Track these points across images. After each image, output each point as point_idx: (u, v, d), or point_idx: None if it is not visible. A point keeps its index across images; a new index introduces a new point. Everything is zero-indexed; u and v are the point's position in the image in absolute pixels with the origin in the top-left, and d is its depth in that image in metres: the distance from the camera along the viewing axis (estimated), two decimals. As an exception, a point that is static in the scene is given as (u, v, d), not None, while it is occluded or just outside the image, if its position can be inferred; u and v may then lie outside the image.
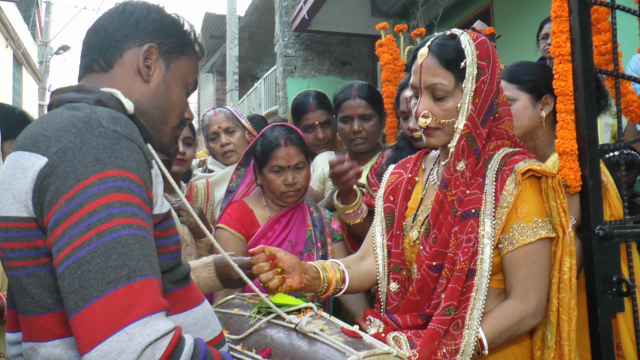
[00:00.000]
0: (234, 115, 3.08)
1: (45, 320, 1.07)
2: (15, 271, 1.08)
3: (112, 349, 0.89)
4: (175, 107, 1.32)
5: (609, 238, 1.76)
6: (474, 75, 1.55)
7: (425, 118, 1.59)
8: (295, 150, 2.32)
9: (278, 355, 1.31)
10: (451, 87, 1.56)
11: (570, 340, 1.53)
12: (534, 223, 1.52)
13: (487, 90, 1.57)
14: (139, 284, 0.95)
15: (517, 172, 1.54)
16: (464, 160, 1.59)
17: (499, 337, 1.50)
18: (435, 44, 1.60)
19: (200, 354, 0.98)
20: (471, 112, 1.56)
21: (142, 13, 1.28)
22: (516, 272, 1.52)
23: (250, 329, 1.43)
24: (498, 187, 1.55)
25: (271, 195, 2.37)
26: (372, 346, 1.28)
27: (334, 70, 10.65)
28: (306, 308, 1.46)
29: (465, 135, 1.57)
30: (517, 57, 6.07)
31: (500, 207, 1.53)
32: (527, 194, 1.54)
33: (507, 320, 1.50)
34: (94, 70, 1.27)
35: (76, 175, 0.99)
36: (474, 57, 1.56)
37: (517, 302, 1.51)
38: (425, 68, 1.59)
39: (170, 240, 1.21)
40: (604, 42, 1.97)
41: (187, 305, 1.23)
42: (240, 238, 2.29)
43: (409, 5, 8.84)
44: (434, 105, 1.58)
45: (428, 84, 1.58)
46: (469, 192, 1.58)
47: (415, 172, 1.83)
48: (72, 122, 1.05)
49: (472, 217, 1.54)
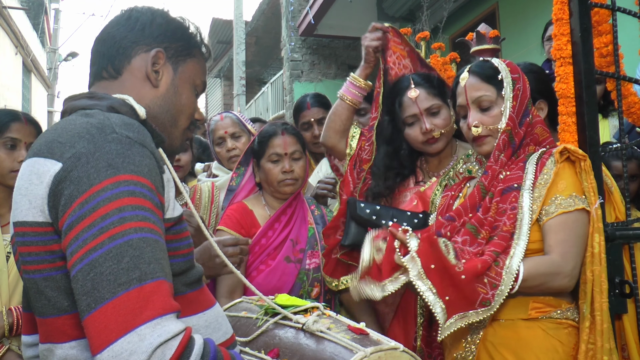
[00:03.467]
0: (240, 120, 3.09)
1: (61, 322, 1.09)
2: (32, 275, 1.10)
3: (123, 350, 0.91)
4: (184, 109, 1.34)
5: (611, 240, 1.76)
6: (511, 84, 1.80)
7: (477, 128, 1.81)
8: (291, 139, 2.37)
9: (286, 355, 1.33)
10: (494, 97, 1.81)
11: (602, 311, 1.63)
12: (572, 197, 1.66)
13: (521, 96, 1.81)
14: (150, 286, 0.97)
15: (555, 153, 1.73)
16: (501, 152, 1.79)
17: (533, 278, 1.59)
18: (473, 68, 1.87)
19: (210, 353, 1.00)
20: (510, 114, 1.78)
21: (148, 19, 1.30)
22: (555, 235, 1.64)
23: (258, 330, 1.45)
24: (538, 168, 1.73)
25: (269, 188, 2.38)
26: (379, 342, 1.30)
27: (340, 74, 10.64)
28: (313, 308, 1.48)
29: (506, 132, 1.78)
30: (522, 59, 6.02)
31: (539, 183, 1.70)
32: (564, 172, 1.70)
33: (545, 267, 1.61)
34: (103, 77, 1.28)
35: (89, 179, 1.01)
36: (507, 71, 1.82)
37: (557, 257, 1.62)
38: (469, 86, 1.84)
39: (182, 243, 1.22)
40: (605, 44, 1.98)
41: (200, 308, 1.25)
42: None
43: (414, 8, 8.85)
44: (482, 115, 1.82)
45: (474, 98, 1.82)
46: (510, 173, 1.77)
47: (459, 189, 1.99)
48: (86, 128, 1.08)
49: (514, 191, 1.72)
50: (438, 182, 2.21)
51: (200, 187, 2.79)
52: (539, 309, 1.66)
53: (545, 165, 1.72)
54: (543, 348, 1.63)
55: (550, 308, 1.67)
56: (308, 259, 2.31)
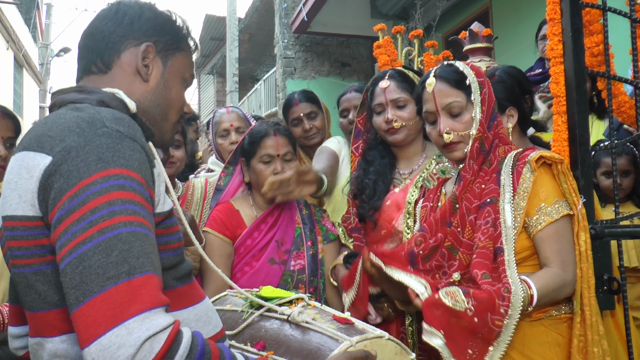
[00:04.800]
0: (246, 117, 3.14)
1: (52, 316, 1.09)
2: (22, 269, 1.10)
3: (111, 343, 0.91)
4: (174, 103, 1.34)
5: (600, 237, 1.78)
6: (478, 90, 1.80)
7: (448, 134, 1.80)
8: (284, 140, 2.32)
9: (272, 346, 1.34)
10: (464, 102, 1.80)
11: (591, 306, 1.67)
12: (556, 203, 1.68)
13: (489, 100, 1.82)
14: (139, 280, 0.97)
15: (530, 161, 1.71)
16: (474, 160, 1.79)
17: (545, 296, 1.62)
18: (439, 72, 1.84)
19: (198, 346, 1.00)
20: (481, 119, 1.78)
21: (136, 12, 1.29)
22: (550, 246, 1.66)
23: (244, 323, 1.46)
24: (515, 178, 1.72)
25: (260, 189, 2.31)
26: (364, 331, 1.31)
27: (333, 71, 10.65)
28: (298, 299, 1.49)
29: (478, 139, 1.78)
30: (515, 57, 6.10)
31: (519, 193, 1.70)
32: (543, 179, 1.71)
33: (553, 282, 1.63)
34: (92, 72, 1.28)
35: (79, 173, 1.01)
36: (473, 76, 1.81)
37: (559, 269, 1.65)
38: (438, 92, 1.81)
39: (173, 237, 1.22)
40: (596, 44, 2.00)
41: (190, 302, 1.25)
42: (225, 241, 2.27)
43: (408, 7, 8.85)
44: (453, 122, 1.81)
45: (444, 104, 1.81)
46: (484, 187, 1.76)
47: (437, 199, 1.99)
48: (76, 122, 1.07)
49: (488, 205, 1.72)
50: (413, 183, 2.24)
51: (193, 183, 2.78)
52: (541, 310, 1.69)
53: (522, 175, 1.72)
54: (545, 343, 1.67)
55: (550, 307, 1.71)
56: (293, 260, 2.27)
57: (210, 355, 1.01)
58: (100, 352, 0.91)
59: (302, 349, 1.28)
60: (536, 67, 3.70)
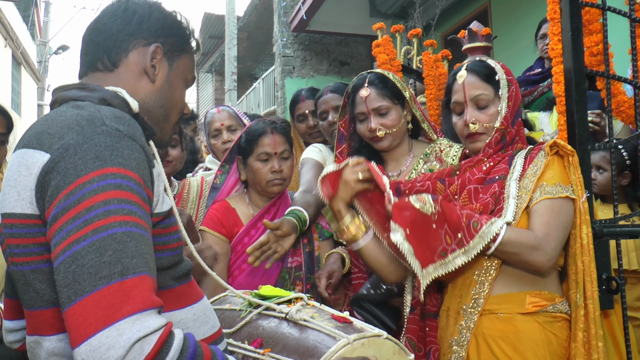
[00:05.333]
0: (237, 114, 3.10)
1: (49, 315, 1.09)
2: (21, 266, 1.10)
3: (101, 344, 0.90)
4: (177, 104, 1.34)
5: (599, 236, 1.78)
6: (507, 86, 1.85)
7: (474, 125, 1.85)
8: (281, 139, 2.33)
9: (269, 344, 1.33)
10: (492, 96, 1.85)
11: (594, 300, 1.68)
12: (557, 185, 1.72)
13: (515, 97, 1.87)
14: (132, 281, 0.96)
15: (545, 147, 1.78)
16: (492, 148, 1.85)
17: (512, 244, 1.63)
18: (471, 66, 1.91)
19: (190, 348, 0.99)
20: (506, 113, 1.83)
21: (145, 12, 1.29)
22: (539, 217, 1.68)
23: (242, 321, 1.45)
24: (527, 162, 1.78)
25: (256, 187, 2.34)
26: (362, 330, 1.30)
27: (332, 70, 10.66)
28: (297, 298, 1.49)
29: (500, 131, 1.83)
30: (514, 57, 6.10)
31: (528, 174, 1.75)
32: (554, 164, 1.75)
33: (526, 238, 1.64)
34: (98, 69, 1.27)
35: (76, 171, 1.00)
36: (503, 73, 1.87)
37: (539, 234, 1.65)
38: (468, 84, 1.87)
39: (171, 237, 1.22)
40: (595, 43, 2.00)
41: (188, 302, 1.25)
42: (222, 239, 2.28)
43: (407, 5, 8.86)
44: (479, 113, 1.86)
45: (472, 96, 1.86)
46: (493, 164, 1.82)
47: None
48: (75, 120, 1.07)
49: (496, 182, 1.78)
50: None
51: (190, 182, 2.78)
52: (536, 303, 1.70)
53: (534, 158, 1.77)
54: (539, 340, 1.67)
55: (546, 302, 1.70)
56: (290, 257, 2.28)
57: (202, 357, 1.00)
58: (90, 353, 0.90)
59: (299, 347, 1.28)
60: (535, 67, 3.70)
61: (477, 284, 1.74)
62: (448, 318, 1.80)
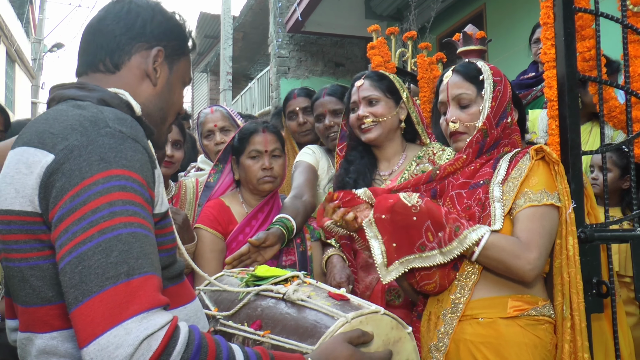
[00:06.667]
0: (230, 115, 3.09)
1: (44, 312, 1.10)
2: (18, 263, 1.10)
3: (109, 343, 0.92)
4: (175, 106, 1.36)
5: (589, 241, 1.79)
6: (491, 86, 1.85)
7: (454, 123, 1.87)
8: (272, 137, 2.38)
9: (269, 325, 1.34)
10: (473, 95, 1.86)
11: (580, 311, 1.68)
12: (542, 192, 1.69)
13: (501, 98, 1.85)
14: (138, 281, 0.97)
15: (531, 150, 1.77)
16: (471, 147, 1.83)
17: (495, 249, 1.62)
18: (457, 67, 1.93)
19: (195, 340, 1.00)
20: (488, 113, 1.83)
21: (148, 15, 1.30)
22: (523, 224, 1.66)
23: (240, 303, 1.46)
24: (511, 165, 1.77)
25: (248, 185, 2.38)
26: (359, 307, 1.32)
27: (327, 71, 10.68)
28: (293, 277, 1.50)
29: (482, 130, 1.82)
30: (509, 60, 6.12)
31: (512, 177, 1.74)
32: (539, 169, 1.73)
33: (509, 244, 1.62)
34: (99, 70, 1.28)
35: (81, 172, 1.01)
36: (489, 73, 1.87)
37: (523, 242, 1.63)
38: (451, 84, 1.90)
39: (167, 238, 1.24)
40: (587, 49, 2.01)
41: (181, 302, 1.26)
42: (217, 236, 2.31)
43: (402, 7, 8.88)
44: (460, 112, 1.87)
45: (454, 95, 1.88)
46: (479, 169, 1.82)
47: None
48: (78, 121, 1.08)
49: (480, 187, 1.77)
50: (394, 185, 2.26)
51: (185, 183, 2.78)
52: (517, 307, 1.67)
53: (519, 162, 1.76)
54: (522, 344, 1.65)
55: (528, 306, 1.68)
56: (284, 255, 2.31)
57: (207, 348, 1.01)
58: (99, 352, 0.92)
59: (298, 327, 1.29)
60: (529, 71, 3.71)
61: (458, 288, 1.71)
62: (429, 322, 1.78)
